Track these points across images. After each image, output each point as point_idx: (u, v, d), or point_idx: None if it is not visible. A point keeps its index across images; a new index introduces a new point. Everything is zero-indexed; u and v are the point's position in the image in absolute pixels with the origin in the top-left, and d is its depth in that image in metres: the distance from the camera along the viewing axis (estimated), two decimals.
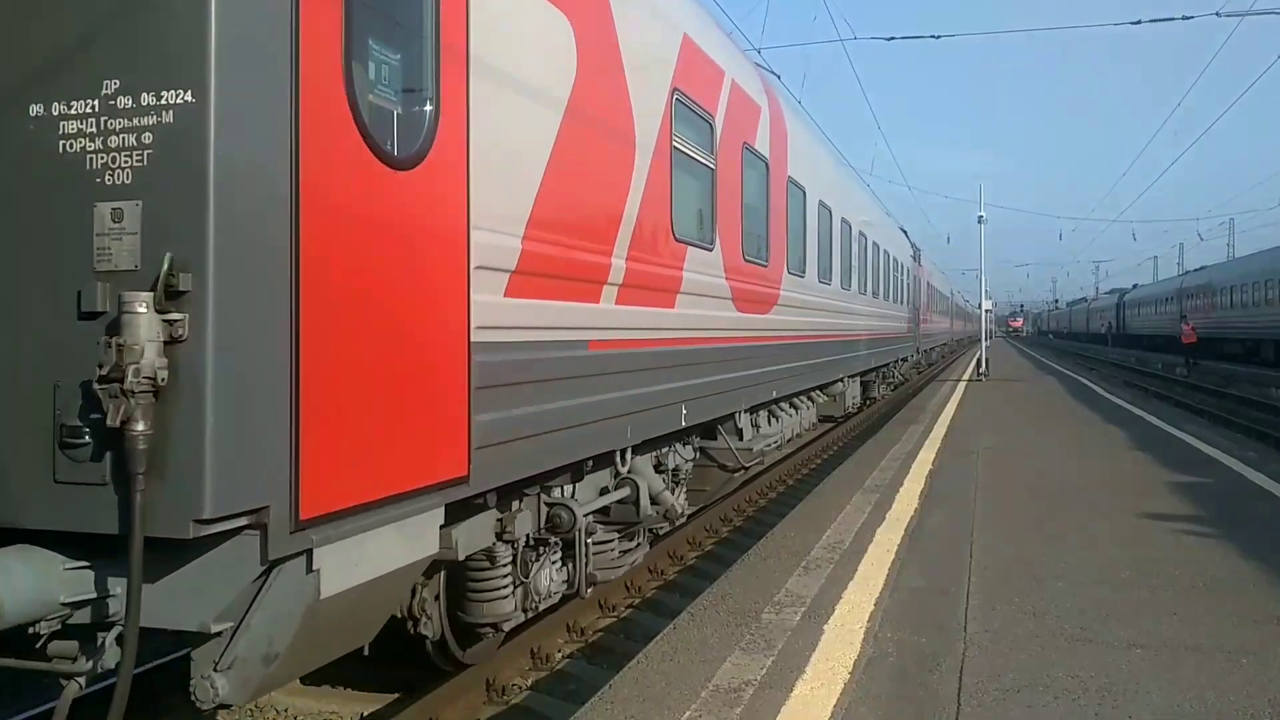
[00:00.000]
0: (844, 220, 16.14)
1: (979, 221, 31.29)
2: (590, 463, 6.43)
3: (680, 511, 8.27)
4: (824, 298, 14.14)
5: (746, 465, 10.08)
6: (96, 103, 3.37)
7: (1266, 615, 5.79)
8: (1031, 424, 17.49)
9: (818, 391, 15.27)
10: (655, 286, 7.13)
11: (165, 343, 3.26)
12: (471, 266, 4.62)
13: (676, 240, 7.51)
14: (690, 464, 9.09)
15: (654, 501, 7.68)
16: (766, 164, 10.57)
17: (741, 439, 10.14)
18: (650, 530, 8.18)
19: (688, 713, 4.46)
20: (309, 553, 3.72)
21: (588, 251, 5.97)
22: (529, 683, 6.93)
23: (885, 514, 8.93)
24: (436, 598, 5.93)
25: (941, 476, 11.16)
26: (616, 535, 7.48)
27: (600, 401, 6.12)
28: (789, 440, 13.45)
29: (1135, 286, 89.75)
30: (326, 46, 3.74)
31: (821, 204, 13.97)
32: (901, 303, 26.67)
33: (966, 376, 31.26)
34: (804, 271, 12.59)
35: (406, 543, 4.31)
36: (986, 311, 38.41)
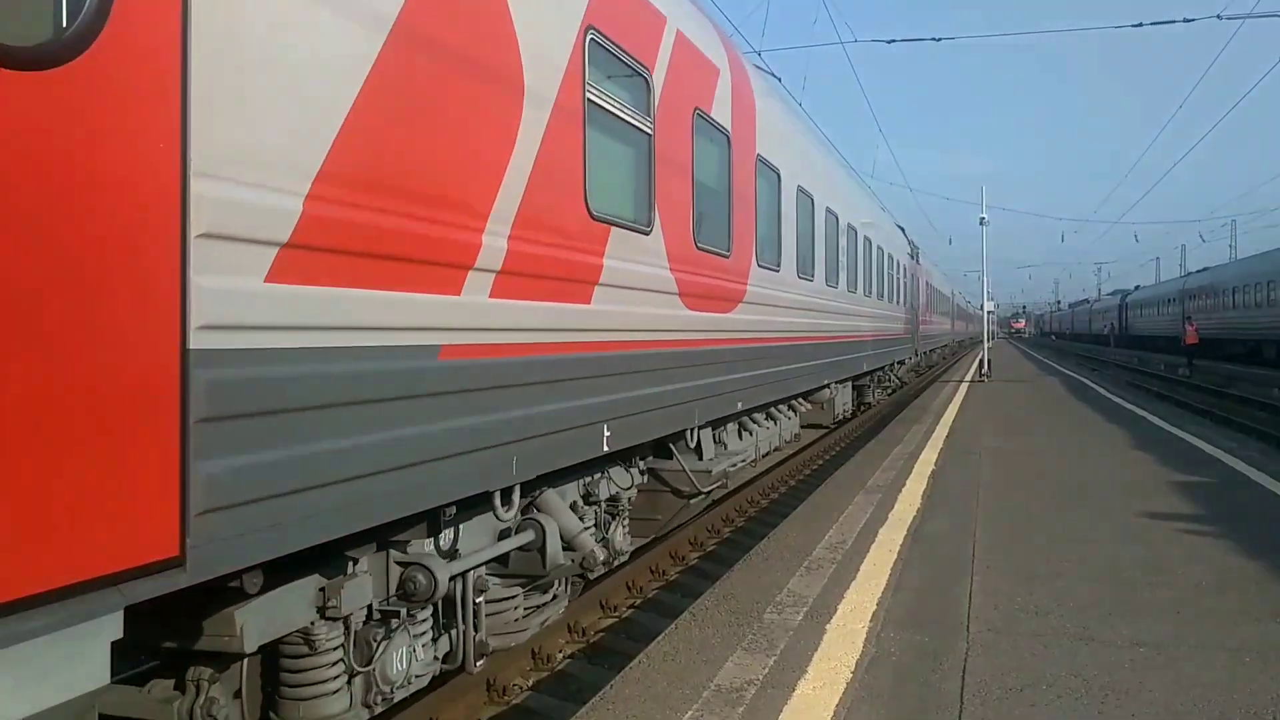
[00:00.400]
0: (829, 211, 14.52)
1: (981, 223, 31.25)
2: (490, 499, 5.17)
3: (606, 557, 6.97)
4: (805, 295, 12.54)
5: (705, 490, 8.77)
6: None
7: (1269, 613, 5.78)
8: (1034, 424, 17.47)
9: (800, 400, 14.04)
10: (558, 275, 5.48)
11: None
12: (191, 234, 3.01)
13: (594, 219, 5.96)
14: (634, 490, 7.99)
15: (568, 546, 6.29)
16: (728, 137, 8.97)
17: (701, 458, 8.87)
18: (581, 576, 6.90)
19: (690, 713, 4.45)
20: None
21: (440, 224, 4.35)
22: (530, 683, 6.92)
23: (888, 514, 8.92)
24: (237, 695, 4.44)
25: (944, 476, 11.15)
26: (522, 589, 6.24)
27: (462, 429, 4.51)
28: (765, 455, 12.14)
29: (1137, 288, 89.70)
30: None
31: (802, 191, 12.36)
32: (898, 302, 25.22)
33: (969, 377, 31.23)
34: (778, 265, 11.00)
35: (23, 686, 2.64)
36: (989, 313, 38.36)
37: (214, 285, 3.11)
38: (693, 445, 8.54)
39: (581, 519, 6.70)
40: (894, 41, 21.64)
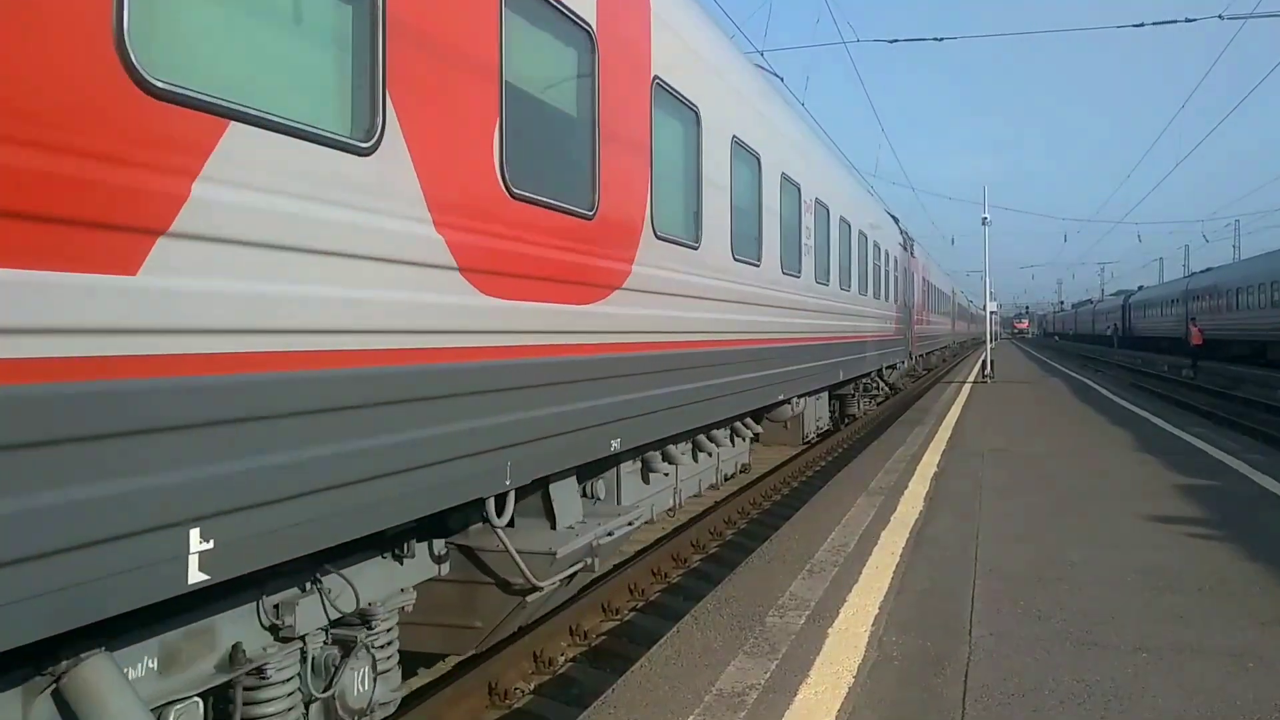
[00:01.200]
0: (786, 178, 11.43)
1: (983, 223, 31.23)
2: None
3: None
4: (747, 286, 9.61)
5: (541, 586, 5.76)
6: None
7: (1273, 618, 5.76)
8: (1037, 426, 17.44)
9: (746, 421, 11.29)
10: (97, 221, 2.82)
11: None
12: None
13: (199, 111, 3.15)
14: (400, 601, 5.07)
15: None
16: (590, 35, 5.98)
17: (556, 525, 6.28)
18: None
19: (691, 717, 4.45)
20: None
21: None
22: (531, 686, 6.91)
23: (890, 516, 8.90)
24: None
25: (946, 479, 11.12)
26: None
27: None
28: (687, 501, 9.58)
29: (1141, 288, 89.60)
30: None
31: (739, 143, 9.34)
32: (888, 299, 21.98)
33: (972, 378, 31.19)
34: (696, 240, 8.00)
35: None
36: (992, 313, 38.31)
37: None
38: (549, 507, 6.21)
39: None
40: (896, 41, 21.65)
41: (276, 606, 4.17)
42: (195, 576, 3.08)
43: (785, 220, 11.32)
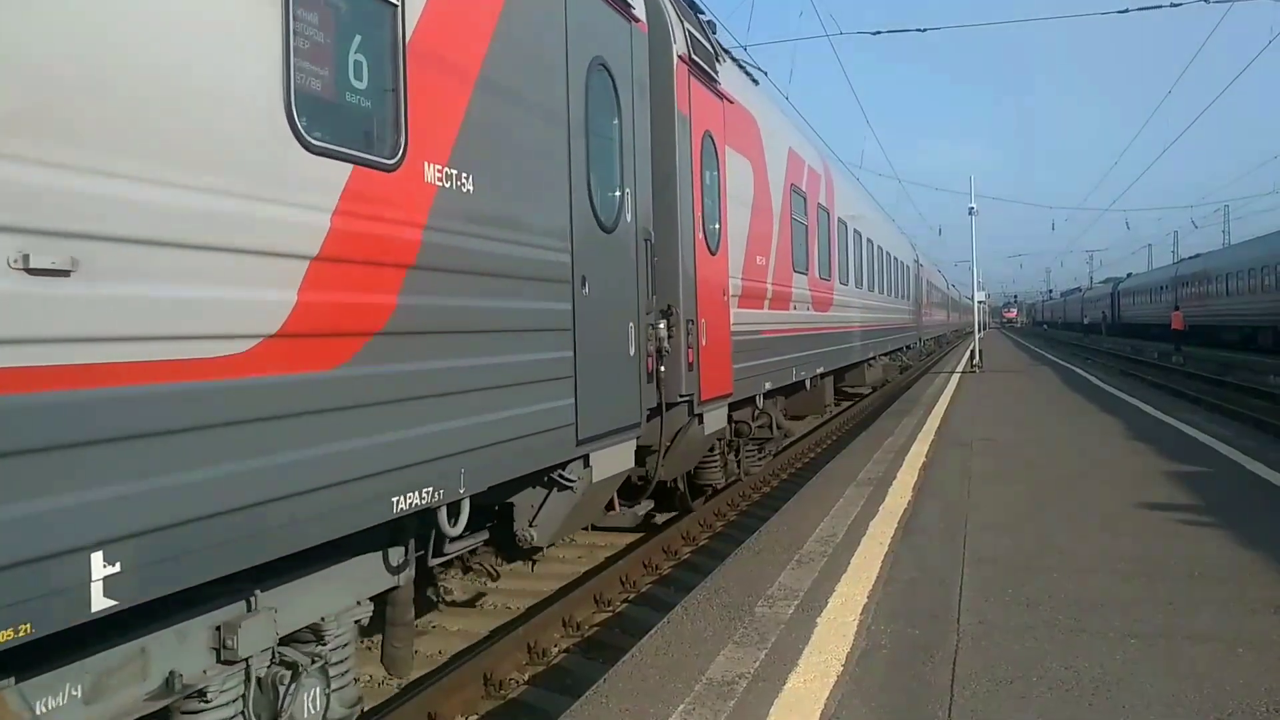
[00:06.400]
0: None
1: (970, 213, 31.26)
2: None
3: None
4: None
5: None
6: None
7: (1264, 604, 5.77)
8: (1026, 415, 17.49)
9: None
10: None
11: None
12: None
13: None
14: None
15: None
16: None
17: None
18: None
19: (681, 706, 4.45)
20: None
21: None
22: (526, 677, 6.92)
23: (879, 506, 8.92)
24: None
25: (935, 468, 11.15)
26: None
27: None
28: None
29: (1130, 275, 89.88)
30: None
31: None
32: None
33: (960, 368, 31.27)
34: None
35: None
36: (980, 303, 38.39)
37: None
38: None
39: None
40: (879, 33, 21.58)
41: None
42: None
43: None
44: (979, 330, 35.48)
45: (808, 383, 14.51)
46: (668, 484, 10.06)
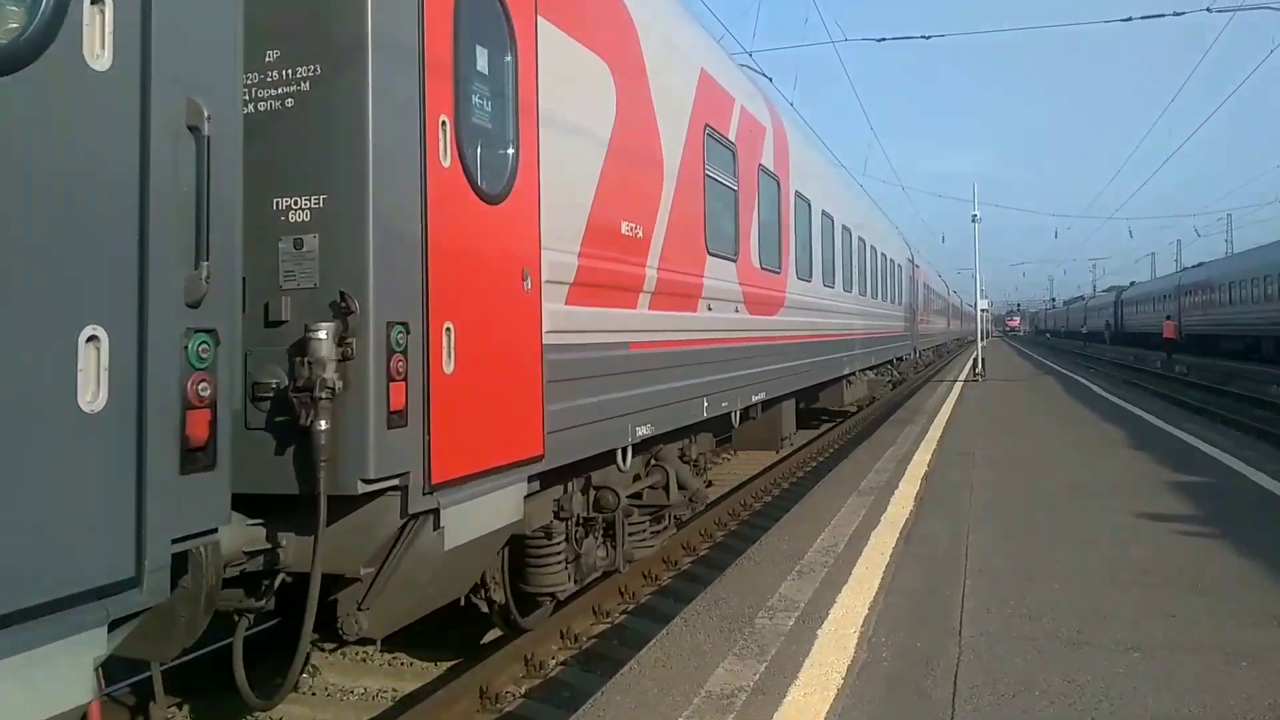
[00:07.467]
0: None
1: (973, 220, 31.25)
2: None
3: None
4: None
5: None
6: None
7: (1266, 617, 5.73)
8: (1029, 424, 17.44)
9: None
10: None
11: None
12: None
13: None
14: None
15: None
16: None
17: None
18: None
19: (680, 719, 4.41)
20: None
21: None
22: (522, 690, 6.87)
23: (880, 517, 8.87)
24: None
25: (937, 479, 11.10)
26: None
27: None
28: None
29: (1132, 284, 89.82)
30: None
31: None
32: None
33: (963, 376, 31.21)
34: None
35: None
36: (983, 311, 38.35)
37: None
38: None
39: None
40: (884, 40, 21.64)
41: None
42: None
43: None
44: (981, 339, 35.40)
45: (734, 416, 10.37)
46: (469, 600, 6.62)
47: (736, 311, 10.31)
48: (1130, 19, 19.94)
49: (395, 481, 4.60)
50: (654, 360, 7.77)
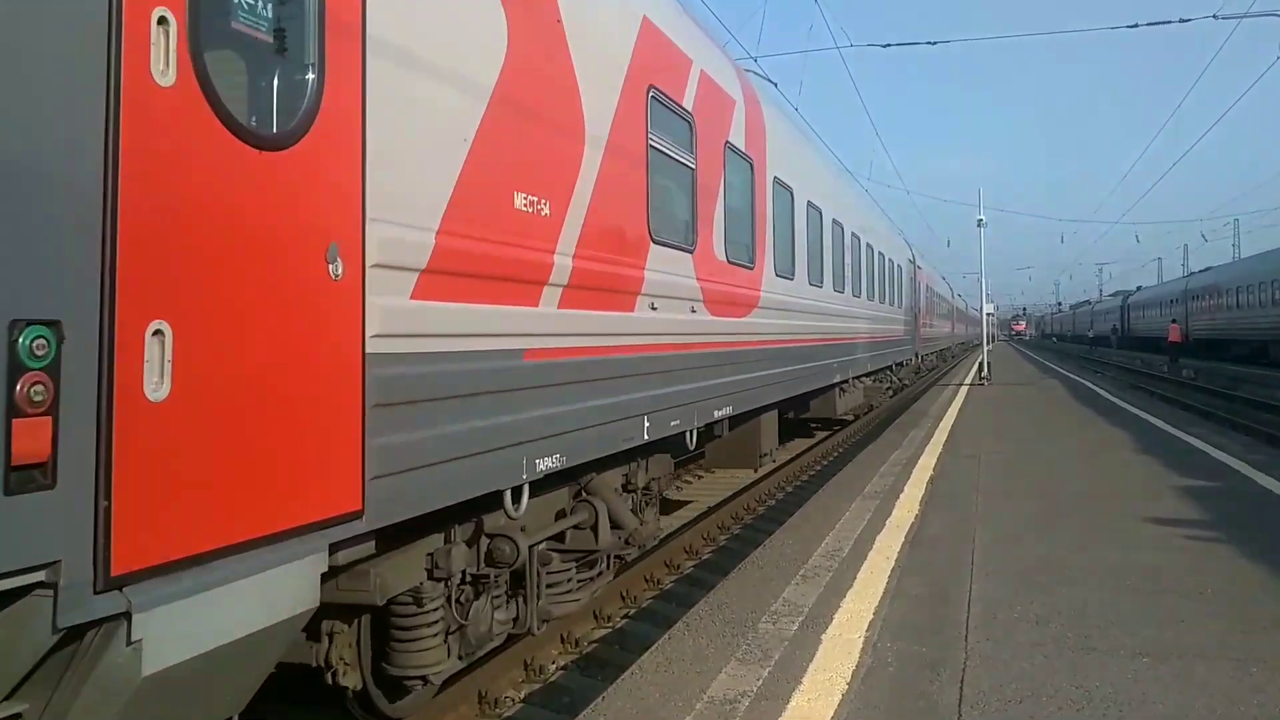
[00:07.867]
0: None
1: (979, 225, 31.17)
2: None
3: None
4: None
5: None
6: None
7: (1276, 621, 5.65)
8: (1035, 428, 17.35)
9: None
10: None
11: None
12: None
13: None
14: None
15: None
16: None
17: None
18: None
19: None
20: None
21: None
22: (522, 695, 6.81)
23: (885, 520, 8.80)
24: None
25: (943, 482, 11.03)
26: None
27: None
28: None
29: (1139, 288, 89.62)
30: None
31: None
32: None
33: (969, 380, 31.12)
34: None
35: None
36: (988, 315, 38.25)
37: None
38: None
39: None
40: (890, 46, 21.67)
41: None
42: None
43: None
44: (987, 343, 35.30)
45: (689, 436, 8.55)
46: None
47: (693, 312, 8.55)
48: (1136, 25, 19.90)
49: (37, 576, 2.82)
50: (564, 372, 5.97)
